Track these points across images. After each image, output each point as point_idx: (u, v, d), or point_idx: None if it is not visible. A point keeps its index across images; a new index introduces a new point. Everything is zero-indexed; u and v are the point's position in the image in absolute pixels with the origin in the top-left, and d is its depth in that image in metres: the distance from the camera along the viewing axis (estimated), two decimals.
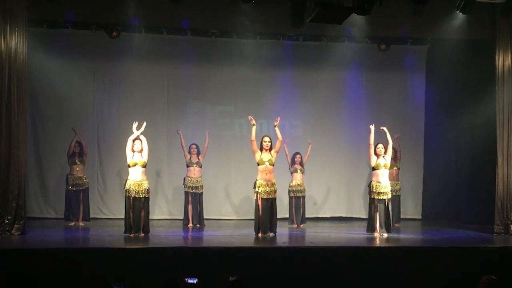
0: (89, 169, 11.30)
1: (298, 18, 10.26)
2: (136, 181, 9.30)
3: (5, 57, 9.05)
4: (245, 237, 9.56)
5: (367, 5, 8.44)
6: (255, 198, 9.55)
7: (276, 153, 9.60)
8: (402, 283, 7.80)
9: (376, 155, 9.83)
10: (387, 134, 9.89)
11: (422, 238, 10.32)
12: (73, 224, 10.72)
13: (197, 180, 10.97)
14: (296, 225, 11.14)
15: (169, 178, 12.07)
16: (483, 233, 10.20)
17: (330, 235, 10.08)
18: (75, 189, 10.80)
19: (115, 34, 10.84)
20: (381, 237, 9.64)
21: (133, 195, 9.27)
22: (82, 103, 11.82)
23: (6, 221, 8.98)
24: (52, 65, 11.26)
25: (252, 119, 9.61)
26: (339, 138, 12.65)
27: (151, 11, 10.25)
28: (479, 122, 11.38)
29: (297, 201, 11.25)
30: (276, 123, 9.63)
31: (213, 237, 9.75)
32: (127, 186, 9.30)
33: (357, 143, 12.32)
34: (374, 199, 9.82)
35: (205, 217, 11.15)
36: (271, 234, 9.52)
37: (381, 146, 9.85)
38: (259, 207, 9.50)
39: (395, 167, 11.32)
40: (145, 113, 11.77)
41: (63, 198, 10.98)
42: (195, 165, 10.95)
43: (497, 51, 10.28)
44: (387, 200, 9.85)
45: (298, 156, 11.24)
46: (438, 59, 12.23)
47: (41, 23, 10.39)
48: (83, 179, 10.87)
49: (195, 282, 5.67)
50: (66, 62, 11.41)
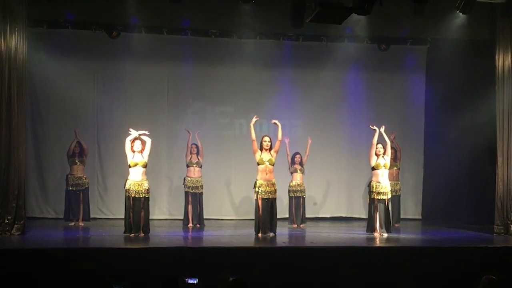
0: (89, 169, 11.30)
1: (298, 18, 10.26)
2: (136, 181, 9.30)
3: (5, 57, 9.05)
4: (245, 237, 9.56)
5: (367, 5, 8.43)
6: (255, 198, 9.56)
7: (275, 152, 9.60)
8: (402, 283, 7.79)
9: (375, 155, 9.84)
10: (383, 134, 9.87)
11: (422, 238, 10.32)
12: (73, 224, 10.73)
13: (197, 180, 10.97)
14: (296, 225, 11.14)
15: (169, 178, 12.07)
16: (483, 233, 10.20)
17: (330, 235, 10.07)
18: (75, 189, 10.80)
19: (115, 34, 10.83)
20: (381, 237, 9.64)
21: (133, 195, 9.27)
22: (82, 103, 11.82)
23: (6, 221, 8.99)
24: (52, 65, 11.27)
25: (252, 121, 9.61)
26: (339, 138, 12.66)
27: (151, 11, 10.25)
28: (479, 122, 11.39)
29: (297, 201, 11.25)
30: (276, 122, 9.65)
31: (213, 237, 9.75)
32: (127, 186, 9.30)
33: (357, 143, 12.33)
34: (374, 199, 9.83)
35: (205, 217, 11.15)
36: (271, 234, 9.52)
37: (380, 146, 9.86)
38: (259, 207, 9.50)
39: (395, 167, 11.32)
40: (145, 113, 11.83)
41: (63, 198, 10.98)
42: (195, 165, 10.95)
43: (497, 51, 10.28)
44: (387, 200, 9.85)
45: (298, 156, 11.24)
46: (438, 59, 12.23)
47: (41, 23, 10.40)
48: (83, 179, 10.88)
49: (195, 282, 5.66)
50: (66, 62, 11.42)
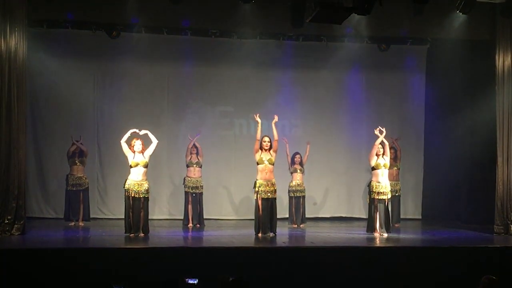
0: (89, 169, 11.30)
1: (298, 18, 10.26)
2: (136, 181, 9.30)
3: (5, 57, 9.05)
4: (245, 237, 9.55)
5: (367, 5, 8.42)
6: (255, 198, 9.56)
7: (274, 152, 9.60)
8: (402, 283, 7.79)
9: (375, 155, 9.83)
10: (379, 137, 9.83)
11: (422, 238, 10.32)
12: (73, 224, 10.73)
13: (197, 180, 10.97)
14: (296, 225, 11.14)
15: (169, 178, 12.07)
16: (483, 233, 10.20)
17: (330, 235, 10.07)
18: (75, 189, 10.80)
19: (115, 34, 10.82)
20: (381, 237, 9.64)
21: (132, 195, 9.27)
22: (82, 103, 11.82)
23: (6, 221, 8.99)
24: (52, 65, 11.26)
25: (256, 117, 9.58)
26: (339, 138, 12.66)
27: (151, 11, 10.24)
28: (479, 122, 11.38)
29: (297, 201, 11.25)
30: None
31: (213, 237, 9.74)
32: (127, 185, 9.30)
33: (357, 143, 12.34)
34: (374, 199, 9.83)
35: (205, 217, 11.15)
36: (271, 234, 9.52)
37: (380, 146, 9.85)
38: (259, 207, 9.50)
39: (395, 167, 11.31)
40: (145, 113, 11.83)
41: (63, 198, 10.99)
42: (195, 165, 10.95)
43: (497, 51, 10.28)
44: (387, 200, 9.85)
45: (298, 156, 11.23)
46: (438, 59, 12.23)
47: (41, 23, 10.39)
48: (83, 179, 10.88)
49: (195, 282, 5.66)
50: (66, 62, 11.42)
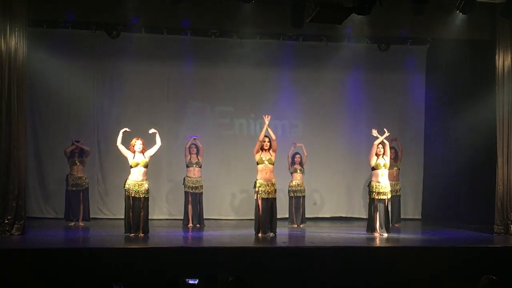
0: (89, 169, 11.31)
1: (298, 18, 10.25)
2: (136, 181, 9.30)
3: (5, 57, 9.04)
4: (245, 237, 9.56)
5: (367, 5, 8.44)
6: (255, 198, 9.56)
7: (274, 152, 9.60)
8: (402, 283, 7.79)
9: (375, 155, 9.84)
10: (379, 138, 9.82)
11: (422, 238, 10.32)
12: (73, 224, 10.73)
13: (197, 180, 10.97)
14: (296, 225, 11.14)
15: (169, 178, 12.07)
16: (483, 233, 10.19)
17: (330, 235, 10.07)
18: (75, 189, 10.80)
19: (115, 34, 10.83)
20: (381, 237, 9.64)
21: (132, 195, 9.27)
22: (82, 103, 11.83)
23: (6, 221, 8.98)
24: (52, 65, 11.25)
25: (266, 118, 9.52)
26: (339, 138, 12.66)
27: (151, 11, 10.24)
28: (479, 122, 11.37)
29: (297, 201, 11.25)
30: (266, 122, 9.51)
31: (213, 237, 9.74)
32: (127, 185, 9.30)
33: (357, 143, 12.33)
34: (374, 199, 9.83)
35: (205, 217, 11.15)
36: (271, 234, 9.52)
37: (380, 146, 9.85)
38: (259, 207, 9.50)
39: (395, 167, 11.31)
40: (145, 113, 11.83)
41: (63, 198, 10.99)
42: (194, 165, 10.95)
43: (497, 51, 10.28)
44: (386, 200, 9.86)
45: (297, 156, 11.24)
46: (438, 59, 12.23)
47: (41, 23, 10.39)
48: (83, 179, 10.88)
49: (195, 283, 5.66)
50: (66, 62, 11.41)
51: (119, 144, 9.34)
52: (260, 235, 9.43)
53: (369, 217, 10.08)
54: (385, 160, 9.84)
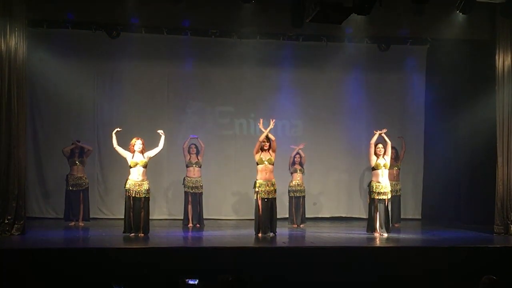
0: (89, 169, 11.31)
1: (298, 18, 10.25)
2: (136, 181, 9.30)
3: (5, 57, 9.05)
4: (245, 237, 9.56)
5: (367, 5, 8.43)
6: (255, 198, 9.56)
7: (274, 152, 9.60)
8: (402, 283, 7.79)
9: (375, 155, 9.84)
10: (383, 136, 9.86)
11: (422, 238, 10.32)
12: (73, 224, 10.73)
13: (196, 180, 10.98)
14: (296, 225, 11.14)
15: (169, 178, 12.07)
16: (483, 233, 10.19)
17: (330, 235, 10.07)
18: (75, 189, 10.81)
19: (115, 34, 10.82)
20: (381, 237, 9.64)
21: (133, 195, 9.27)
22: (82, 103, 11.84)
23: (6, 221, 8.99)
24: (52, 65, 11.25)
25: (261, 128, 9.61)
26: (339, 138, 12.66)
27: (151, 11, 10.23)
28: (479, 122, 11.37)
29: (297, 201, 11.25)
30: (264, 129, 9.58)
31: (213, 237, 9.75)
32: (127, 186, 9.31)
33: (357, 142, 12.33)
34: (374, 199, 9.83)
35: (205, 217, 11.15)
36: (271, 234, 9.52)
37: (380, 146, 9.85)
38: (259, 207, 9.50)
39: (396, 167, 11.31)
40: (145, 113, 11.84)
41: (63, 198, 10.99)
42: (194, 165, 10.96)
43: (497, 51, 10.28)
44: (387, 200, 9.86)
45: (298, 156, 11.24)
46: (438, 59, 12.23)
47: (41, 23, 10.38)
48: (83, 179, 10.88)
49: (196, 283, 5.65)
50: (66, 62, 11.41)
51: (116, 146, 9.38)
52: (260, 235, 9.43)
53: (369, 217, 10.08)
54: (386, 160, 9.84)
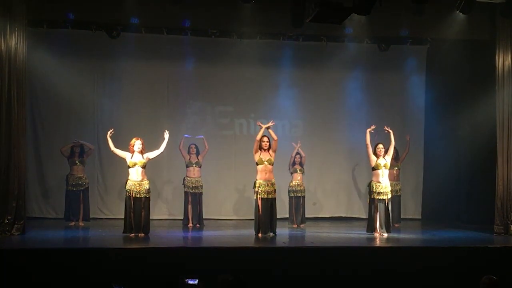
0: (89, 169, 11.31)
1: (298, 18, 10.25)
2: (136, 181, 9.31)
3: (5, 57, 9.05)
4: (245, 237, 9.56)
5: (367, 5, 8.43)
6: (255, 198, 9.56)
7: (274, 152, 9.60)
8: (402, 283, 7.79)
9: (376, 155, 9.84)
10: (391, 135, 9.88)
11: (422, 238, 10.32)
12: (73, 224, 10.72)
13: (196, 180, 10.98)
14: (296, 225, 11.14)
15: (169, 178, 12.07)
16: (483, 233, 10.19)
17: (330, 235, 10.08)
18: (75, 189, 10.80)
19: (115, 34, 10.83)
20: (381, 237, 9.64)
21: (133, 195, 9.28)
22: (82, 103, 11.83)
23: (6, 221, 8.99)
24: (52, 65, 11.24)
25: (260, 124, 9.68)
26: (339, 138, 12.65)
27: (151, 11, 10.24)
28: (479, 122, 11.38)
29: (297, 201, 11.25)
30: (262, 125, 9.64)
31: (213, 237, 9.75)
32: (128, 186, 9.31)
33: (357, 143, 12.27)
34: (374, 199, 9.83)
35: (205, 217, 11.15)
36: (271, 234, 9.52)
37: (381, 146, 9.85)
38: (259, 207, 9.50)
39: (396, 167, 11.31)
40: (145, 113, 11.85)
41: (63, 198, 10.98)
42: (194, 165, 10.96)
43: (497, 51, 10.29)
44: (387, 200, 9.86)
45: (298, 156, 11.24)
46: (438, 59, 12.24)
47: (41, 23, 10.40)
48: (83, 179, 10.88)
49: (195, 283, 5.65)
50: (66, 62, 11.41)
51: (114, 149, 9.40)
52: (260, 235, 9.43)
53: (369, 217, 10.08)
54: (386, 160, 9.84)
